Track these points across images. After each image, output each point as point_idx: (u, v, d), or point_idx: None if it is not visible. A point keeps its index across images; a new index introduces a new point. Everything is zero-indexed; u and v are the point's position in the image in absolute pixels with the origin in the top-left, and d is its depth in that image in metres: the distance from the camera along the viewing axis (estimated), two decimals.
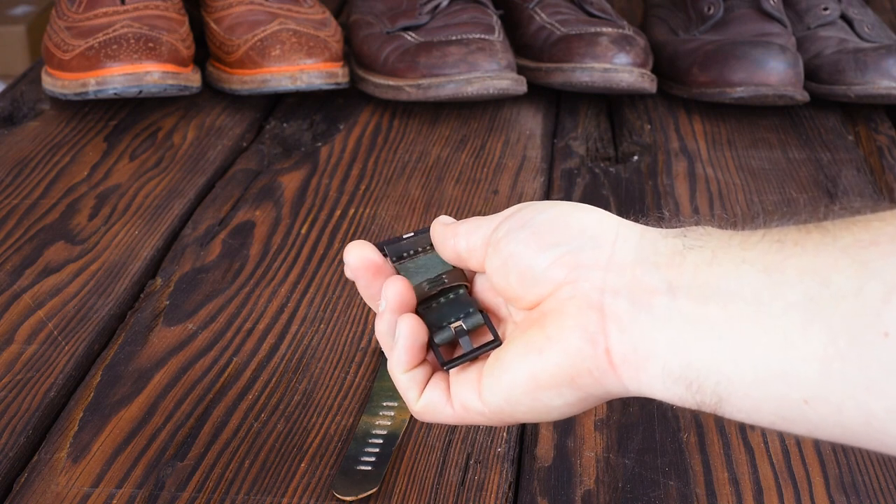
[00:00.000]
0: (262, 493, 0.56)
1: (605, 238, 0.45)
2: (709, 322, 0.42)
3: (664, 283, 0.43)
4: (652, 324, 0.43)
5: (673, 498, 0.56)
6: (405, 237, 0.53)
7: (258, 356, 0.67)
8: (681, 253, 0.43)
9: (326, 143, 0.96)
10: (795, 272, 0.40)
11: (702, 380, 0.42)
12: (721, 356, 0.41)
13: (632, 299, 0.44)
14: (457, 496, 0.56)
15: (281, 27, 0.99)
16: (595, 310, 0.44)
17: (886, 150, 0.97)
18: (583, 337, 0.44)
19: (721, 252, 0.42)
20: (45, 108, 1.00)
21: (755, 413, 0.42)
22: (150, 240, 0.80)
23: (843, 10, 1.08)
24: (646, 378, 0.43)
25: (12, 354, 0.67)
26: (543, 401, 0.46)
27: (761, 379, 0.40)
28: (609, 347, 0.44)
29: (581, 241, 0.45)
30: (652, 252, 0.44)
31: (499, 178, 0.90)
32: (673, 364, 0.42)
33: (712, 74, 1.01)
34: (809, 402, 0.40)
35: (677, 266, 0.43)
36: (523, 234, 0.46)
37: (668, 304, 0.43)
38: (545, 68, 1.03)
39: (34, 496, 0.56)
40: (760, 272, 0.41)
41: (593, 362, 0.44)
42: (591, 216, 0.46)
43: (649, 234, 0.45)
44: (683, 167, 0.93)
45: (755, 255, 0.41)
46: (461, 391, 0.48)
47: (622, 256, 0.45)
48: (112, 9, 0.97)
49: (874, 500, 0.57)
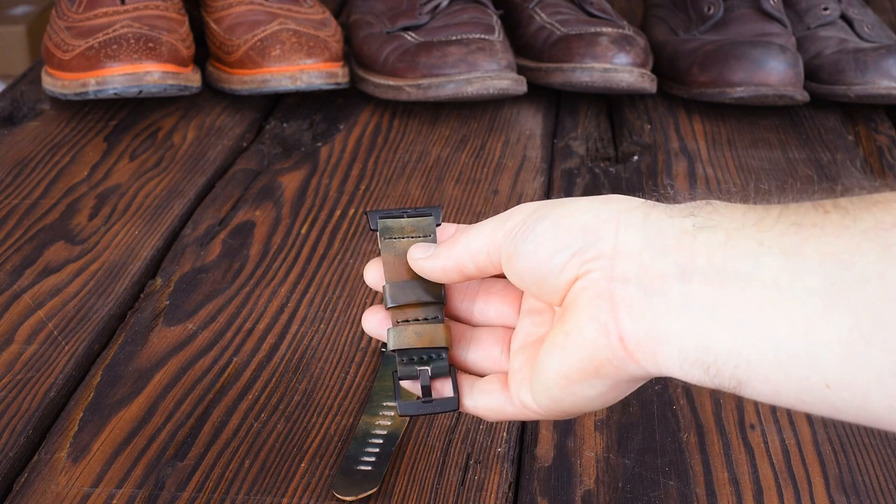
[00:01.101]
0: (262, 493, 0.56)
1: (605, 229, 0.45)
2: (726, 306, 0.41)
3: (675, 267, 0.43)
4: (667, 308, 0.43)
5: (673, 498, 0.56)
6: (399, 214, 0.53)
7: (258, 356, 0.67)
8: (690, 234, 0.43)
9: (326, 143, 0.96)
10: (816, 255, 0.39)
11: (720, 364, 0.42)
12: (740, 341, 0.41)
13: (642, 286, 0.43)
14: (457, 496, 0.56)
15: (281, 27, 0.99)
16: (605, 299, 0.44)
17: (886, 150, 0.97)
18: (596, 328, 0.44)
19: (735, 234, 0.42)
20: (45, 108, 1.00)
21: (775, 396, 0.41)
22: (150, 240, 0.80)
23: (843, 10, 1.08)
24: (663, 361, 0.43)
25: (12, 354, 0.67)
26: (579, 394, 0.46)
27: (782, 363, 0.40)
28: (622, 335, 0.44)
29: (584, 239, 0.45)
30: (658, 235, 0.44)
31: (499, 178, 0.90)
32: (689, 348, 0.42)
33: (712, 74, 1.01)
34: (832, 385, 0.39)
35: (688, 249, 0.43)
36: (531, 247, 0.47)
37: (682, 289, 0.42)
38: (545, 68, 1.03)
39: (34, 496, 0.56)
40: (779, 255, 0.40)
41: (610, 351, 0.44)
42: (588, 213, 0.46)
43: (654, 216, 0.45)
44: (683, 167, 0.94)
45: (772, 237, 0.41)
46: (518, 391, 0.49)
47: (627, 243, 0.44)
48: (112, 9, 0.97)
49: (874, 500, 0.57)
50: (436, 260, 0.50)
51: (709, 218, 0.43)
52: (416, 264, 0.51)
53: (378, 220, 0.53)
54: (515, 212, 0.49)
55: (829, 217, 0.40)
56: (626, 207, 0.46)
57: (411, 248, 0.52)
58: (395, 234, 0.53)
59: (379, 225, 0.53)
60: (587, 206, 0.47)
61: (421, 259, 0.51)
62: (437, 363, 0.51)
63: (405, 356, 0.52)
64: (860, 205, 0.40)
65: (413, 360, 0.52)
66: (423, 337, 0.51)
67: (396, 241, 0.53)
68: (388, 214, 0.53)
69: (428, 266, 0.51)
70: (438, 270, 0.51)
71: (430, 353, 0.51)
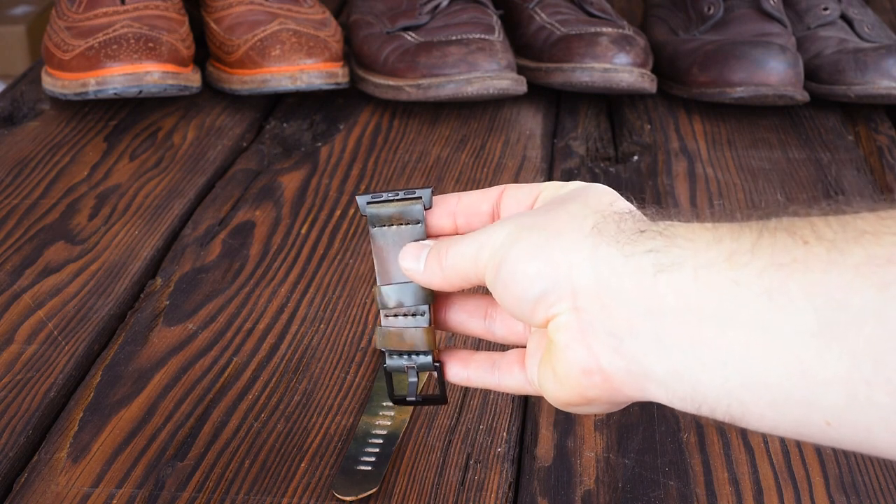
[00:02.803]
0: (262, 493, 0.56)
1: (558, 272, 0.44)
2: (707, 346, 0.39)
3: (641, 308, 0.41)
4: (644, 351, 0.41)
5: (673, 498, 0.56)
6: (388, 198, 0.52)
7: (258, 356, 0.67)
8: (652, 276, 0.41)
9: (326, 143, 0.96)
10: (803, 294, 0.37)
11: (711, 403, 0.40)
12: (730, 382, 0.39)
13: (609, 329, 0.42)
14: (457, 496, 0.56)
15: (281, 27, 0.99)
16: (579, 342, 0.44)
17: (886, 150, 0.97)
18: (580, 370, 0.44)
19: (704, 273, 0.40)
20: (45, 108, 1.00)
21: (773, 430, 0.40)
22: (150, 240, 0.80)
23: (843, 10, 1.08)
24: (651, 396, 0.43)
25: (12, 354, 0.67)
26: (580, 410, 0.47)
27: (778, 404, 0.39)
28: (605, 376, 0.44)
29: (541, 285, 0.44)
30: (612, 275, 0.42)
31: (499, 178, 0.90)
32: (676, 388, 0.41)
33: (712, 74, 1.01)
34: (832, 423, 0.38)
35: (650, 289, 0.41)
36: (500, 288, 0.46)
37: (654, 330, 0.41)
38: (545, 68, 1.03)
39: (34, 496, 0.56)
40: (760, 295, 0.38)
41: (598, 389, 0.44)
42: (539, 256, 0.44)
43: (602, 251, 0.43)
44: (683, 167, 0.94)
45: (749, 275, 0.38)
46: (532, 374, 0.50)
47: (581, 284, 0.43)
48: (112, 9, 0.97)
49: (874, 500, 0.57)
50: (431, 277, 0.50)
51: (668, 253, 0.41)
52: (411, 276, 0.51)
53: (366, 205, 0.52)
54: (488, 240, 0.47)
55: (812, 250, 0.38)
56: (576, 241, 0.44)
57: (402, 252, 0.51)
58: (384, 221, 0.52)
59: (368, 211, 0.52)
60: (542, 241, 0.45)
61: (414, 273, 0.51)
62: (422, 360, 0.53)
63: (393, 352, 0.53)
64: (846, 235, 0.37)
65: (401, 354, 0.53)
66: (406, 340, 0.52)
67: (386, 229, 0.52)
68: (377, 199, 0.52)
69: (424, 280, 0.51)
70: (436, 286, 0.50)
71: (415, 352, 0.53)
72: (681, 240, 0.41)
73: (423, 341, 0.52)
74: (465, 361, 0.53)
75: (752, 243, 0.39)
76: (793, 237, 0.38)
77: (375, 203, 0.52)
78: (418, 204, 0.52)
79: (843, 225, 0.38)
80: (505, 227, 0.46)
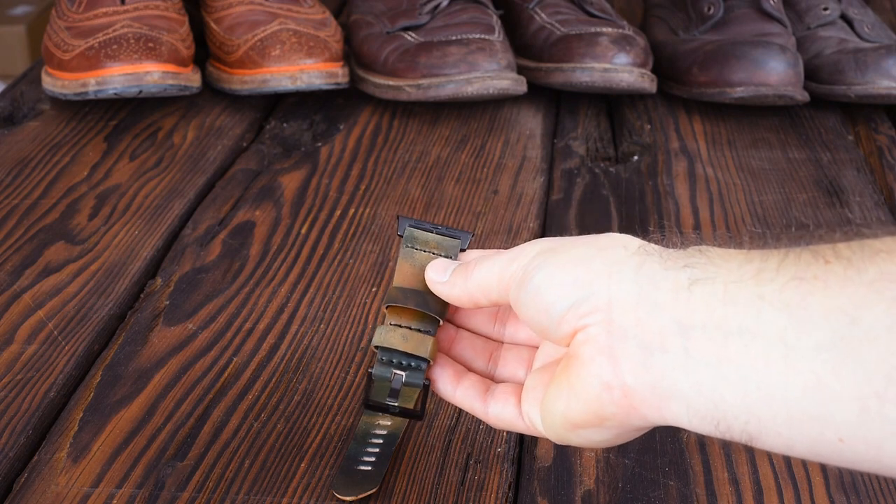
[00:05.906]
0: (262, 493, 0.56)
1: (598, 282, 0.45)
2: (732, 362, 0.40)
3: (673, 322, 0.42)
4: (672, 365, 0.42)
5: (673, 498, 0.56)
6: (429, 229, 0.54)
7: (258, 356, 0.67)
8: (686, 288, 0.42)
9: (326, 143, 0.96)
10: (820, 309, 0.38)
11: (730, 420, 0.41)
12: (750, 398, 0.40)
13: (642, 343, 0.43)
14: (457, 496, 0.56)
15: (281, 27, 0.99)
16: (606, 355, 0.44)
17: (886, 150, 0.97)
18: (599, 384, 0.44)
19: (734, 287, 0.41)
20: (45, 108, 1.00)
21: (787, 450, 0.41)
22: (150, 240, 0.80)
23: (843, 10, 1.08)
24: (671, 415, 0.43)
25: (12, 354, 0.67)
26: (584, 436, 0.47)
27: (794, 421, 0.39)
28: (626, 391, 0.44)
29: (577, 293, 0.45)
30: (652, 288, 0.43)
31: (499, 178, 0.90)
32: (698, 404, 0.42)
33: (712, 74, 1.01)
34: (846, 440, 0.39)
35: (684, 303, 0.42)
36: (529, 298, 0.47)
37: (684, 345, 0.42)
38: (545, 68, 1.03)
39: (34, 496, 0.56)
40: (782, 310, 0.39)
41: (614, 406, 0.44)
42: (581, 265, 0.45)
43: (647, 267, 0.44)
44: (683, 167, 0.94)
45: (772, 290, 0.40)
46: (529, 410, 0.50)
47: (622, 296, 0.44)
48: (112, 9, 0.97)
49: (874, 500, 0.57)
50: (452, 288, 0.51)
51: (704, 269, 0.42)
52: (433, 286, 0.52)
53: (406, 227, 0.54)
54: (520, 253, 0.49)
55: (832, 268, 0.39)
56: (620, 257, 0.45)
57: (430, 265, 0.53)
58: (419, 245, 0.54)
59: (406, 232, 0.54)
60: (582, 254, 0.46)
61: (437, 282, 0.52)
62: (413, 373, 0.52)
63: (386, 356, 0.53)
64: (862, 254, 0.39)
65: (392, 363, 0.53)
66: (409, 342, 0.52)
67: (417, 252, 0.54)
68: (419, 225, 0.54)
69: (444, 291, 0.52)
70: (454, 298, 0.52)
71: (410, 361, 0.53)
72: (717, 258, 0.43)
73: (424, 348, 0.52)
74: (456, 378, 0.53)
75: (778, 262, 0.41)
76: (815, 257, 0.40)
77: (418, 228, 0.54)
78: (457, 242, 0.54)
79: (861, 245, 0.39)
80: (539, 244, 0.48)
